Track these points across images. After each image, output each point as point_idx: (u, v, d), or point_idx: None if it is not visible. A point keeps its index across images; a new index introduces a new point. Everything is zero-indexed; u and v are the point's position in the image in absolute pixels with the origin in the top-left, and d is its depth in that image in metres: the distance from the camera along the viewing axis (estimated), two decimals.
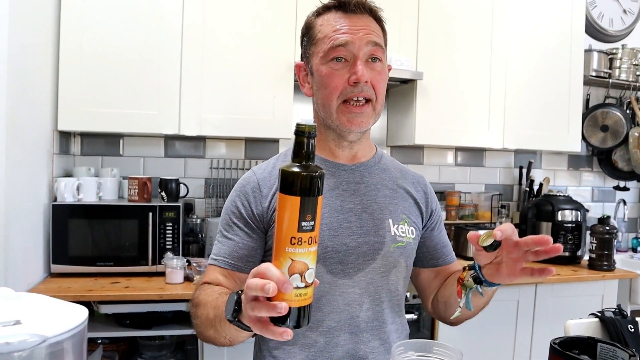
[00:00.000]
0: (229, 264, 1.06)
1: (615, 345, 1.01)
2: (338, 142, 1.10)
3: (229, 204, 1.10)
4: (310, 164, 0.70)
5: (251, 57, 2.24)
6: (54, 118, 2.06)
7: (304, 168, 0.69)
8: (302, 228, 0.67)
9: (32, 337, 0.61)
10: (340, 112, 1.03)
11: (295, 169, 0.69)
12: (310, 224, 0.68)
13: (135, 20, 2.11)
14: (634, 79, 3.07)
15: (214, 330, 0.91)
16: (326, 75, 1.03)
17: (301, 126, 0.71)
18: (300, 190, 0.68)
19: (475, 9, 2.56)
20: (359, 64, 1.01)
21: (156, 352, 2.06)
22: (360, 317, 1.06)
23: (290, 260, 0.67)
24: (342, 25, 1.02)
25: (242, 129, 2.26)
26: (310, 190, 0.68)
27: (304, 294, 0.69)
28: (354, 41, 1.01)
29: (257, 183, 1.08)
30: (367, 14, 1.05)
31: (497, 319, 2.26)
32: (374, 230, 1.08)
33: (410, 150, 2.87)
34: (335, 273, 1.04)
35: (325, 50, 1.03)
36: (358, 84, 1.01)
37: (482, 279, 0.97)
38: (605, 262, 2.47)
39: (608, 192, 3.33)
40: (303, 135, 0.70)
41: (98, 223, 2.05)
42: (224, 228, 1.09)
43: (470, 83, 2.57)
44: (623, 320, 1.37)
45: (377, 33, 1.05)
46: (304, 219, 0.67)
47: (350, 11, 1.03)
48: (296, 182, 0.68)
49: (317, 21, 1.07)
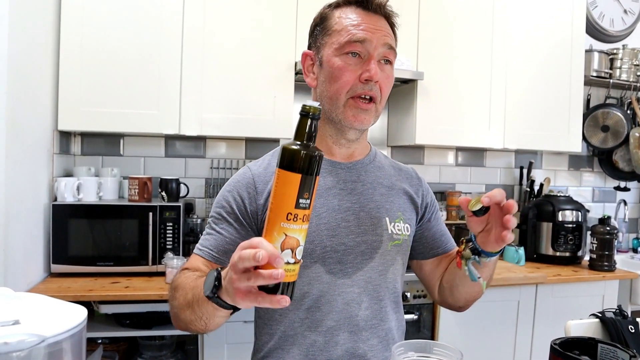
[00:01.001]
0: (213, 257, 1.04)
1: (616, 346, 1.01)
2: (336, 139, 1.10)
3: (220, 198, 1.09)
4: (311, 144, 0.72)
5: (252, 57, 2.23)
6: (54, 118, 2.06)
7: (306, 147, 0.71)
8: (299, 205, 0.69)
9: (30, 337, 0.61)
10: (348, 106, 1.03)
11: (297, 147, 0.71)
12: (307, 202, 0.70)
13: (135, 20, 2.11)
14: (634, 79, 3.06)
15: (190, 311, 0.90)
16: (338, 68, 1.03)
17: (306, 107, 0.73)
18: (301, 168, 0.70)
19: (475, 9, 2.56)
20: (373, 63, 1.01)
21: (156, 352, 2.06)
22: (359, 315, 1.06)
23: (284, 236, 0.69)
24: (362, 22, 1.02)
25: (243, 128, 2.26)
26: (310, 169, 0.70)
27: (292, 269, 0.70)
28: (371, 39, 1.01)
29: (252, 179, 1.07)
30: (383, 16, 1.06)
31: (497, 319, 2.26)
32: (371, 229, 1.08)
33: (411, 150, 2.87)
34: (334, 273, 1.04)
35: (342, 43, 1.02)
36: (369, 81, 1.01)
37: (479, 249, 0.98)
38: (606, 262, 2.46)
39: (609, 193, 3.32)
40: (307, 116, 0.73)
41: (98, 223, 2.05)
42: (213, 221, 1.08)
43: (470, 83, 2.56)
44: (623, 321, 1.37)
45: (391, 37, 1.06)
46: (302, 196, 0.69)
47: (372, 10, 1.04)
48: (298, 160, 0.70)
49: (335, 13, 1.06)
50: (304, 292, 1.03)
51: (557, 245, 2.59)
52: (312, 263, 1.03)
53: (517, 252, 2.54)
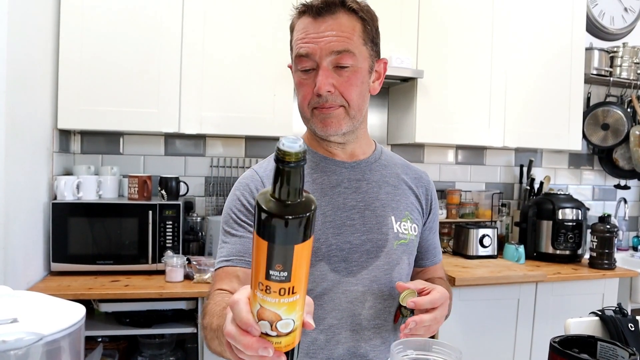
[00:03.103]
0: (247, 262, 0.98)
1: (616, 344, 1.01)
2: (328, 143, 1.10)
3: (230, 203, 1.06)
4: (289, 203, 0.53)
5: (251, 55, 2.23)
6: (54, 116, 2.06)
7: (280, 207, 0.52)
8: (270, 277, 0.54)
9: (28, 336, 0.61)
10: (314, 117, 1.04)
11: (267, 206, 0.53)
12: (281, 275, 0.54)
13: (134, 18, 2.10)
14: (634, 77, 3.06)
15: (218, 342, 0.82)
16: (297, 84, 1.05)
17: (281, 152, 0.52)
18: (269, 234, 0.53)
19: (475, 7, 2.56)
20: (320, 75, 0.99)
21: (156, 351, 2.06)
22: (363, 314, 1.05)
23: (259, 306, 0.56)
24: (308, 34, 1.00)
25: (242, 127, 2.26)
26: (282, 238, 0.53)
27: (277, 342, 0.58)
28: (314, 52, 0.99)
29: (260, 180, 1.07)
30: (339, 12, 0.99)
31: (497, 318, 2.26)
32: (377, 227, 1.07)
33: (411, 148, 2.87)
34: (339, 271, 1.04)
35: (294, 59, 1.04)
36: (321, 95, 1.00)
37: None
38: (606, 260, 2.46)
39: (609, 191, 3.32)
40: (283, 164, 0.52)
41: (98, 221, 2.05)
42: (230, 227, 1.03)
43: (470, 81, 2.56)
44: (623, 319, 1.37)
45: (347, 36, 0.99)
46: (272, 267, 0.53)
47: (316, 14, 0.99)
48: (265, 222, 0.53)
49: (295, 26, 1.06)
50: (307, 290, 1.02)
51: (557, 244, 2.59)
52: (317, 261, 1.02)
53: (517, 251, 2.54)
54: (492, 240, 2.60)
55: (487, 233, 2.59)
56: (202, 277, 1.98)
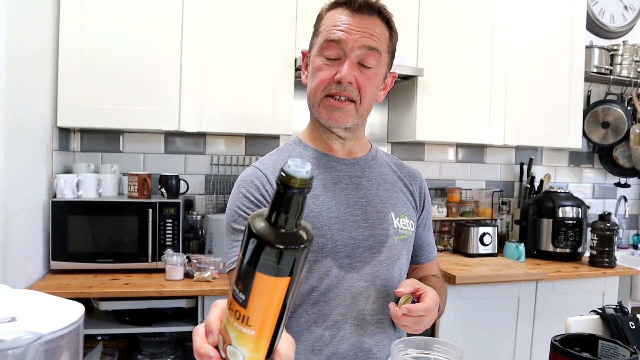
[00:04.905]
0: None
1: (617, 343, 1.01)
2: (329, 136, 1.11)
3: (236, 200, 1.06)
4: (279, 229, 0.49)
5: (251, 53, 2.22)
6: (53, 114, 2.06)
7: (266, 230, 0.49)
8: (233, 292, 0.51)
9: (26, 334, 0.61)
10: (322, 105, 1.05)
11: (254, 221, 0.49)
12: (239, 295, 0.50)
13: (134, 15, 2.10)
14: (635, 75, 3.06)
15: None
16: (316, 68, 1.05)
17: (285, 174, 0.47)
18: (243, 248, 0.50)
19: (476, 5, 2.55)
20: (346, 64, 1.01)
21: (156, 349, 2.06)
22: (367, 310, 1.07)
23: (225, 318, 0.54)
24: (343, 22, 1.02)
25: (243, 125, 2.25)
26: (250, 258, 0.49)
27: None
28: (347, 41, 1.01)
29: (264, 175, 1.07)
30: (375, 16, 1.04)
31: (497, 316, 2.26)
32: (378, 223, 1.09)
33: (411, 146, 2.86)
34: (343, 267, 1.05)
35: (321, 44, 1.04)
36: (341, 83, 1.01)
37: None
38: (606, 258, 2.46)
39: (609, 189, 3.32)
40: (285, 188, 0.47)
41: (98, 220, 2.05)
42: (239, 224, 1.04)
43: (470, 79, 2.56)
44: (624, 317, 1.37)
45: (378, 37, 1.03)
46: (237, 282, 0.51)
47: (356, 10, 1.02)
48: (246, 236, 0.50)
49: (327, 14, 1.08)
50: (312, 287, 1.04)
51: (557, 242, 2.59)
52: (324, 257, 1.03)
53: (517, 249, 2.54)
54: (493, 239, 2.60)
55: (487, 231, 2.59)
56: (202, 275, 1.98)
